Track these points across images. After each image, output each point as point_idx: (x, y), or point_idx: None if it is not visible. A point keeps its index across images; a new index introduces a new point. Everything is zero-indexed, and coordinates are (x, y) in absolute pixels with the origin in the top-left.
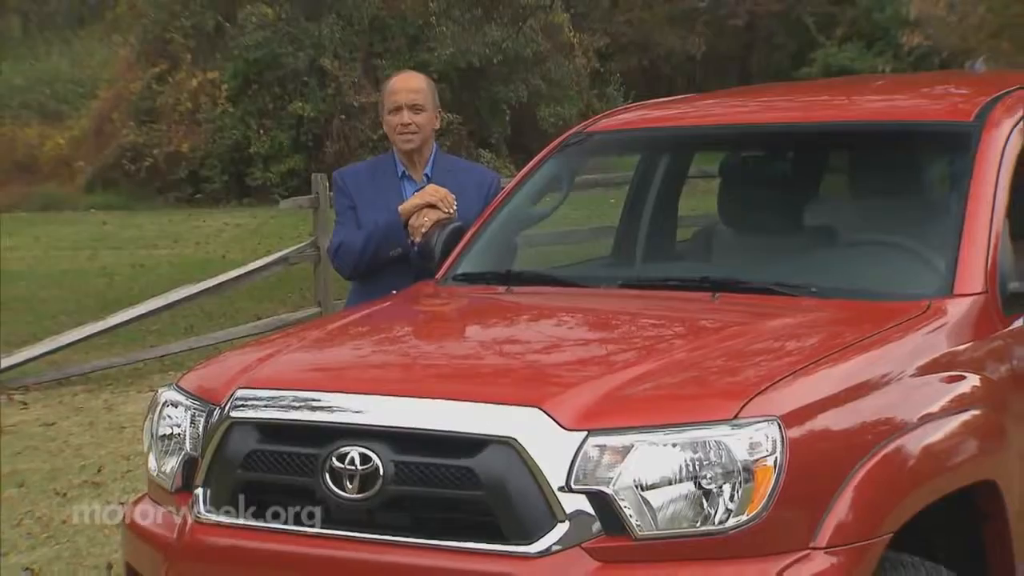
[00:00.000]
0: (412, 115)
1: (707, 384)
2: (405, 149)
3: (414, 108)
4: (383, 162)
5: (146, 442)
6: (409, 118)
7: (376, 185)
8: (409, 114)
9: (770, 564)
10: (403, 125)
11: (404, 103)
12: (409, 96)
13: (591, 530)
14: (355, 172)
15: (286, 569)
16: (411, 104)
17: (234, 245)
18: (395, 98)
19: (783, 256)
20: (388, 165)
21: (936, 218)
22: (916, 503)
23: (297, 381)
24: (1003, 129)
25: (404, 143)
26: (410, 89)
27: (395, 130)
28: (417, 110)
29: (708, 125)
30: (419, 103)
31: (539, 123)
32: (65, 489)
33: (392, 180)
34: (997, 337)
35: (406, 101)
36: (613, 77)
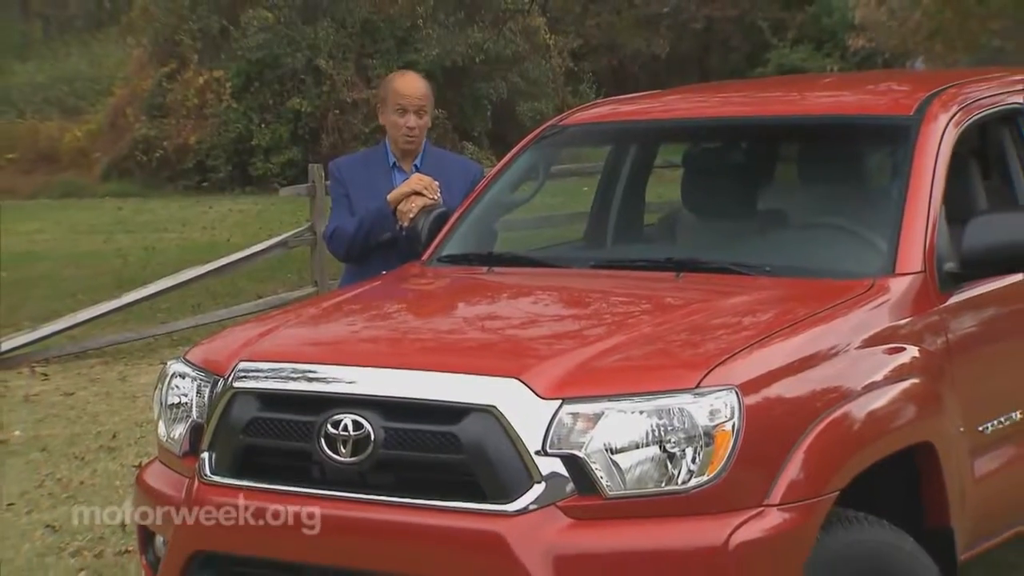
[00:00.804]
0: (417, 119)
1: (671, 356)
2: (407, 149)
3: (419, 112)
4: (376, 153)
5: (156, 410)
6: (414, 122)
7: (369, 174)
8: (414, 118)
9: (728, 520)
10: (408, 128)
11: (411, 107)
12: (416, 102)
13: (565, 490)
14: (350, 162)
15: (284, 526)
16: (417, 108)
17: (237, 230)
18: (403, 101)
19: (740, 238)
20: (380, 156)
21: (879, 203)
22: (861, 463)
23: (295, 354)
24: (940, 122)
25: (406, 143)
26: (418, 95)
27: (400, 130)
28: (421, 114)
29: (672, 119)
30: (424, 107)
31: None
32: (83, 453)
33: (384, 170)
34: (934, 312)
35: (413, 106)
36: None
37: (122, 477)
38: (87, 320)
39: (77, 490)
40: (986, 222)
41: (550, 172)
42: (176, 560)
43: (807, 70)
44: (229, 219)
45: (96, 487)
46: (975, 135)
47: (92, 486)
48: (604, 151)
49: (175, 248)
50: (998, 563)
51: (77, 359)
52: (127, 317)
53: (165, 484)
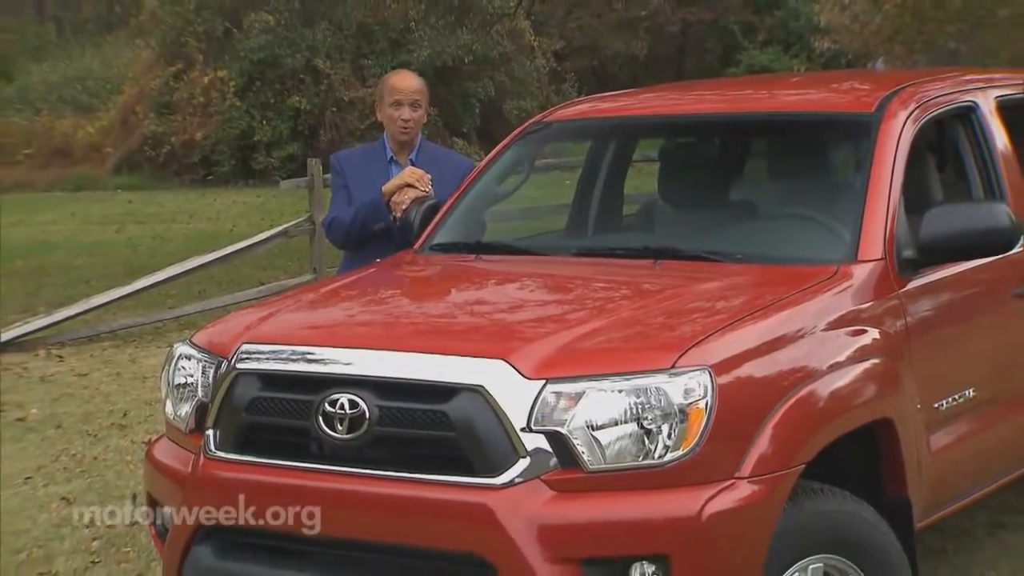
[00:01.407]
0: (411, 112)
1: (648, 338)
2: (401, 140)
3: (413, 105)
4: (374, 147)
5: (164, 390)
6: (408, 114)
7: (367, 167)
8: (409, 111)
9: (701, 492)
10: (403, 120)
11: (406, 101)
12: (410, 95)
13: (548, 465)
14: (349, 156)
15: (284, 499)
16: (411, 102)
17: (241, 220)
18: (398, 96)
19: (713, 228)
20: (379, 150)
21: (842, 195)
22: (825, 438)
23: (294, 337)
24: (899, 119)
25: (401, 135)
26: (412, 89)
27: (395, 123)
28: (415, 107)
29: (649, 116)
30: (418, 101)
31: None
32: (96, 430)
33: (381, 163)
34: (893, 297)
35: (408, 99)
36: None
37: (133, 453)
38: (99, 305)
39: (90, 465)
40: (941, 213)
41: (534, 166)
42: (182, 530)
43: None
44: (233, 210)
45: (108, 462)
46: (931, 131)
47: (104, 461)
48: (585, 146)
49: (182, 238)
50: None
51: (90, 342)
52: (137, 303)
53: (173, 459)
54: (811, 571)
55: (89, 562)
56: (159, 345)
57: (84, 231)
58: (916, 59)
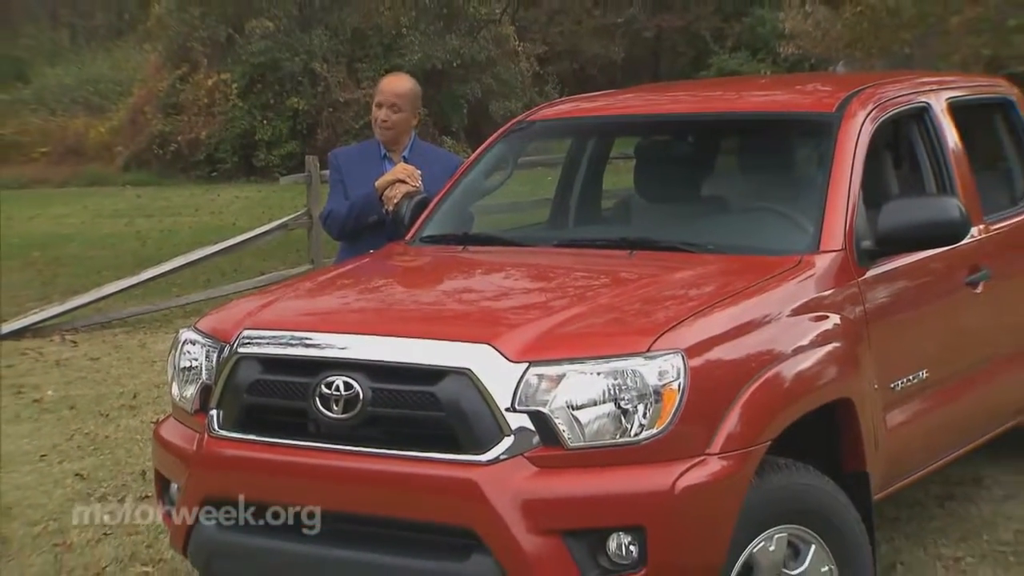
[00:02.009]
0: (390, 113)
1: (625, 324)
2: (383, 138)
3: (392, 108)
4: (370, 145)
5: (170, 373)
6: (386, 115)
7: (362, 163)
8: (387, 111)
9: (675, 467)
10: (381, 120)
11: (385, 102)
12: (389, 98)
13: (531, 442)
14: (346, 152)
15: (284, 475)
16: (390, 104)
17: (243, 214)
18: (379, 97)
19: (686, 220)
20: (374, 148)
21: (805, 189)
22: (789, 416)
23: (293, 323)
24: (858, 119)
25: (379, 134)
26: (393, 92)
27: (375, 121)
28: (395, 110)
29: (626, 115)
30: (398, 104)
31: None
32: (107, 411)
33: (375, 160)
34: (852, 285)
35: (387, 101)
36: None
37: (142, 432)
38: (111, 294)
39: (102, 443)
40: (897, 206)
41: (518, 163)
42: (189, 504)
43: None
44: (235, 205)
45: (119, 441)
46: (888, 130)
47: (116, 440)
48: (566, 144)
49: (188, 230)
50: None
51: (102, 328)
52: (146, 291)
53: (179, 438)
54: (776, 540)
55: (101, 534)
56: (166, 331)
57: (96, 224)
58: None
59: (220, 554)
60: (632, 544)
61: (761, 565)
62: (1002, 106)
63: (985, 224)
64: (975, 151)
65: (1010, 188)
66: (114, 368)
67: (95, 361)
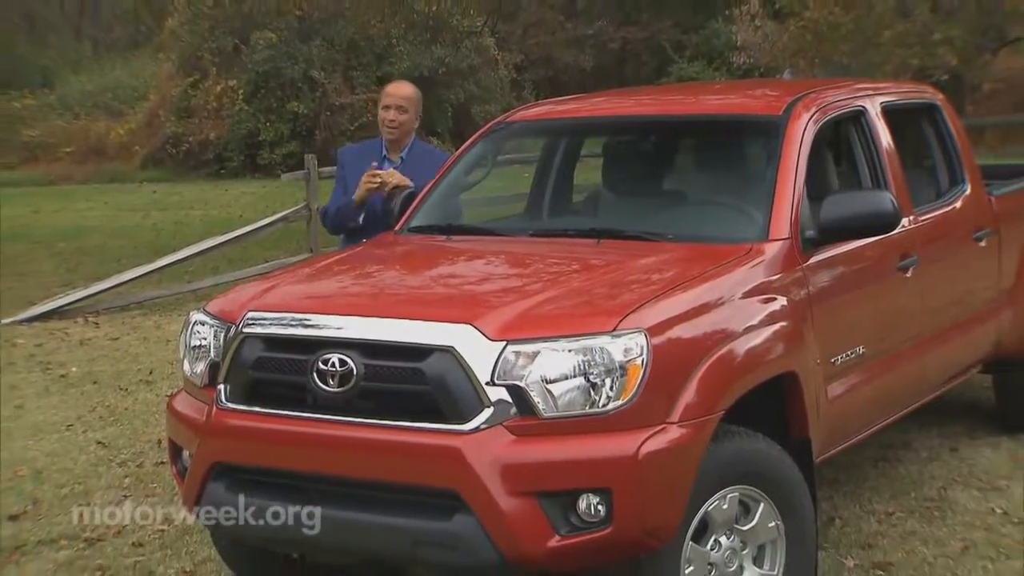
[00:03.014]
0: (397, 114)
1: (594, 306)
2: (388, 138)
3: (399, 109)
4: (373, 144)
5: (181, 351)
6: (394, 116)
7: (363, 161)
8: (395, 112)
9: (639, 435)
10: (389, 120)
11: (393, 104)
12: (398, 100)
13: (509, 413)
14: (350, 151)
15: (285, 443)
16: (398, 106)
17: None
18: (388, 100)
19: (649, 212)
20: (375, 147)
21: (756, 184)
22: (741, 388)
23: (293, 305)
24: (803, 120)
25: (387, 133)
26: (400, 95)
27: (383, 123)
28: (402, 111)
29: (595, 117)
30: (404, 106)
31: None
32: (126, 385)
33: (376, 158)
34: (797, 270)
35: (395, 103)
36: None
37: (157, 404)
38: (129, 280)
39: (122, 415)
40: (837, 199)
41: (497, 160)
42: (199, 469)
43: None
44: (241, 200)
45: (137, 412)
46: (829, 131)
47: (134, 411)
48: (540, 143)
49: (198, 222)
50: (844, 463)
51: (121, 311)
52: (160, 278)
53: (190, 409)
54: (729, 499)
55: (121, 496)
56: (179, 313)
57: (116, 217)
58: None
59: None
60: (600, 504)
61: (716, 521)
62: (929, 110)
63: (914, 215)
64: (905, 150)
65: (936, 183)
66: (132, 347)
67: (115, 340)
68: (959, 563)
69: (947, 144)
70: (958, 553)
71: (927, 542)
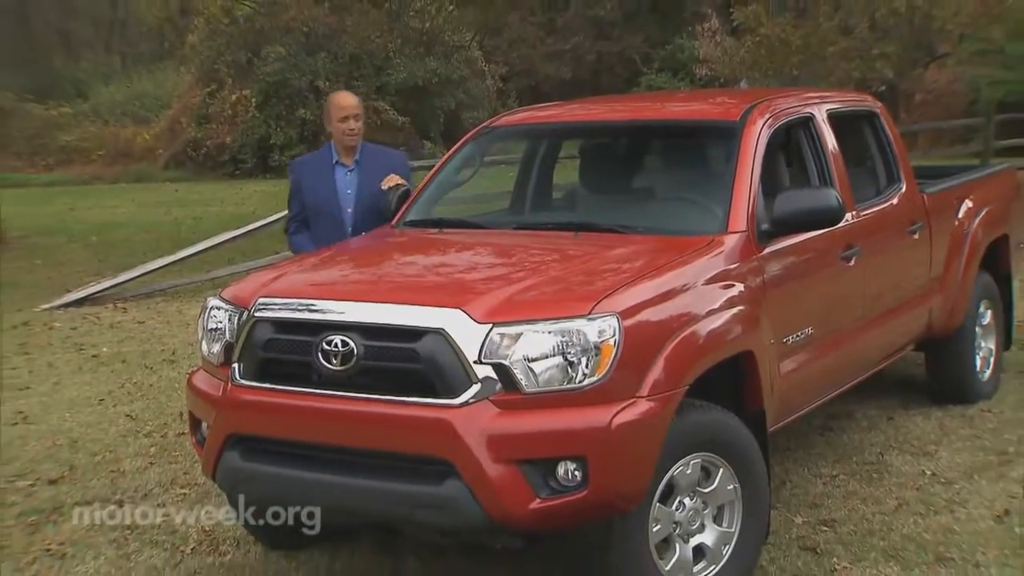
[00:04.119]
0: (355, 123)
1: (571, 292)
2: (351, 145)
3: (356, 118)
4: (322, 154)
5: (200, 333)
6: (353, 125)
7: (315, 170)
8: (354, 122)
9: (612, 407)
10: (351, 130)
11: (351, 115)
12: (353, 110)
13: (495, 389)
14: (303, 161)
15: (292, 415)
16: (355, 115)
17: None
18: (345, 111)
19: (620, 207)
20: (326, 155)
21: (716, 182)
22: (703, 366)
23: (300, 292)
24: (758, 125)
25: (348, 141)
26: (354, 105)
27: (344, 133)
28: (358, 119)
29: (572, 122)
30: (359, 114)
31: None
32: (152, 364)
33: (328, 166)
34: (754, 260)
35: (351, 113)
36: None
37: (179, 381)
38: (153, 270)
39: (148, 390)
40: (789, 196)
41: (484, 161)
42: (216, 439)
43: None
44: (254, 197)
45: (161, 388)
46: (781, 134)
47: (158, 387)
48: (523, 145)
49: (215, 218)
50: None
51: (147, 298)
52: (181, 268)
53: (207, 386)
54: (692, 465)
55: (147, 463)
56: (198, 299)
57: (141, 213)
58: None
59: (241, 479)
60: (576, 470)
61: (680, 485)
62: (869, 117)
63: (857, 211)
64: (848, 152)
65: (875, 182)
66: (156, 330)
67: (141, 324)
68: (893, 518)
69: (885, 147)
70: (892, 510)
71: (866, 501)
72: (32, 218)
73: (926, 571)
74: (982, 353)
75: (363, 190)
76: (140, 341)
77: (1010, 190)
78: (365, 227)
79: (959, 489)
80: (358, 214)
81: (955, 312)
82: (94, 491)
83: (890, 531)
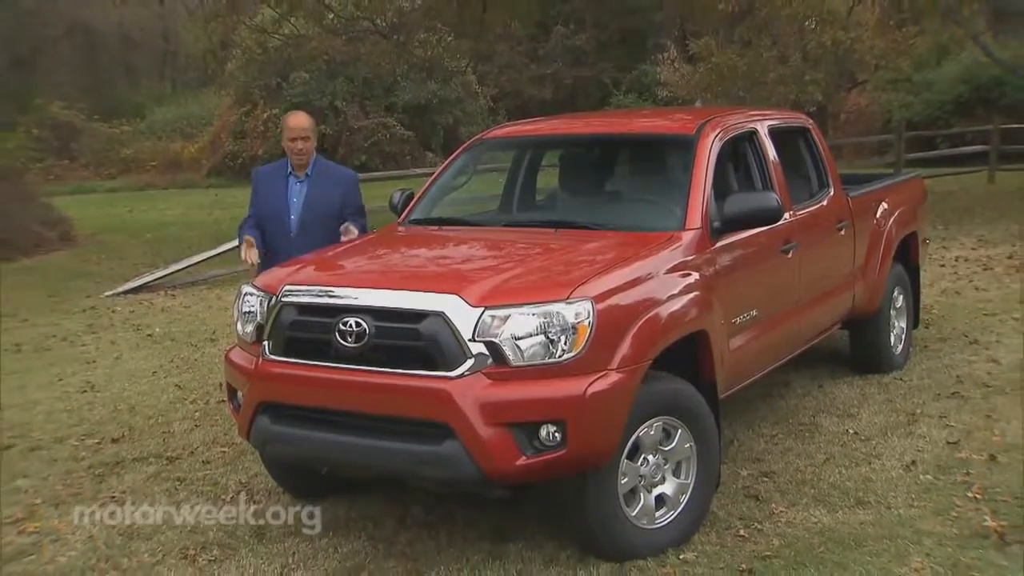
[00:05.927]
0: (303, 143)
1: (552, 280)
2: (296, 163)
3: (304, 139)
4: (281, 165)
5: (235, 316)
6: (301, 146)
7: (270, 180)
8: (301, 143)
9: (587, 379)
10: (297, 150)
11: (298, 136)
12: (300, 132)
13: (487, 363)
14: (264, 170)
15: (314, 386)
16: (302, 137)
17: None
18: (293, 133)
19: (594, 208)
20: (282, 167)
21: (675, 186)
22: (665, 342)
23: (320, 280)
24: (710, 138)
25: (295, 159)
26: (300, 127)
27: (292, 152)
28: (305, 140)
29: (553, 134)
30: (307, 135)
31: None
32: (196, 342)
33: (281, 177)
34: (707, 252)
35: (299, 135)
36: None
37: (218, 357)
38: (198, 262)
39: (193, 364)
40: (736, 198)
41: (477, 168)
42: (249, 406)
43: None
44: None
45: (204, 362)
46: (730, 146)
47: (201, 362)
48: (511, 155)
49: None
50: (741, 399)
51: (192, 286)
52: (221, 260)
53: (242, 360)
54: (655, 427)
55: (193, 425)
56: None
57: (188, 214)
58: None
59: (272, 440)
60: (557, 432)
61: (645, 444)
62: (803, 132)
63: (793, 211)
64: (786, 161)
65: (809, 187)
66: (200, 313)
67: (187, 308)
68: (822, 470)
69: (816, 157)
70: (821, 463)
71: (800, 456)
72: (98, 219)
73: (848, 513)
74: (895, 331)
75: (311, 200)
76: (186, 322)
77: (918, 195)
78: (307, 234)
79: (875, 444)
80: (303, 221)
81: (874, 297)
82: (149, 448)
83: (819, 480)
